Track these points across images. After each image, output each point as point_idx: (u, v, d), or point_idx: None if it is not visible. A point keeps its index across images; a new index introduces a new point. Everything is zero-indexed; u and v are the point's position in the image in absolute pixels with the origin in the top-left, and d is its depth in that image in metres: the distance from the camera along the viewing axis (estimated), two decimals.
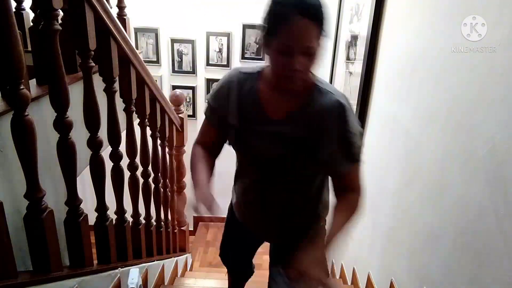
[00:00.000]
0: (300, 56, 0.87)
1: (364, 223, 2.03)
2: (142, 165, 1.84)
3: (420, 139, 1.33)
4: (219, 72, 3.59)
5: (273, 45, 0.88)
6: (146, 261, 1.88)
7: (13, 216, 1.02)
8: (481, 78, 0.96)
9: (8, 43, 0.88)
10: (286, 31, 0.85)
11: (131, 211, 1.78)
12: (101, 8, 1.22)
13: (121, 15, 2.28)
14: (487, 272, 0.89)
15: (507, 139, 0.83)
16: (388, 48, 1.71)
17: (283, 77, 0.93)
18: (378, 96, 1.84)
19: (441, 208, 1.15)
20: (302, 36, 0.85)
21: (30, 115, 0.96)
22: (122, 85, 1.51)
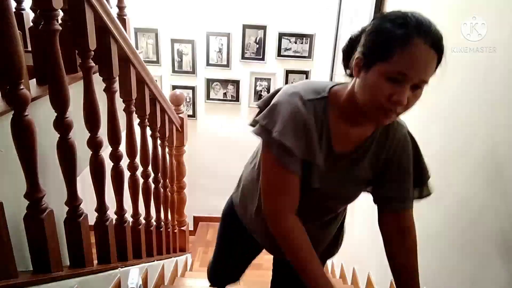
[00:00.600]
0: (410, 89, 0.75)
1: (364, 223, 2.03)
2: (142, 165, 1.84)
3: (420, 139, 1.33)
4: (219, 72, 3.60)
5: (383, 68, 0.75)
6: (146, 261, 1.88)
7: (13, 216, 1.02)
8: (481, 78, 0.96)
9: (8, 43, 0.88)
10: (407, 55, 0.73)
11: (131, 211, 1.78)
12: (101, 8, 1.22)
13: (121, 15, 2.28)
14: (487, 272, 0.89)
15: (507, 139, 0.83)
16: None
17: (381, 109, 0.78)
18: None
19: (441, 208, 1.15)
20: (423, 67, 0.75)
21: (30, 115, 0.96)
22: (122, 85, 1.51)
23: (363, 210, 2.07)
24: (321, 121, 0.87)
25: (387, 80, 0.75)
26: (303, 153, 0.86)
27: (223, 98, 3.70)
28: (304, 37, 3.43)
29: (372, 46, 0.77)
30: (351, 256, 2.26)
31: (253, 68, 3.59)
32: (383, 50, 0.75)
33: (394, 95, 0.76)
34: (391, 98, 0.76)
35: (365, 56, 0.78)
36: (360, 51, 0.79)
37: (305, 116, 0.85)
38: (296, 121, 0.84)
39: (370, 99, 0.79)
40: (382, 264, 1.71)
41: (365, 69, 0.78)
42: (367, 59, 0.78)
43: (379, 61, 0.75)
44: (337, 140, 0.90)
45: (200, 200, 3.82)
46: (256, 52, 3.52)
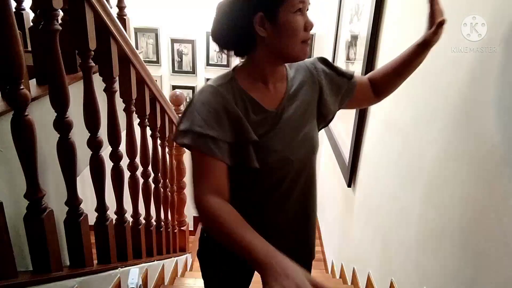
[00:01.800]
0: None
1: (364, 223, 2.03)
2: (142, 165, 1.84)
3: (420, 139, 1.33)
4: (219, 72, 3.58)
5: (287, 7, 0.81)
6: (146, 261, 1.88)
7: (13, 216, 1.02)
8: (481, 78, 0.96)
9: (8, 43, 0.88)
10: None
11: (131, 211, 1.78)
12: (101, 8, 1.22)
13: (121, 15, 2.28)
14: (487, 272, 0.89)
15: (507, 139, 0.83)
16: (388, 48, 1.71)
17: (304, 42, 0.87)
18: None
19: (441, 208, 1.15)
20: None
21: (30, 115, 0.96)
22: (122, 85, 1.51)
23: (362, 210, 2.07)
24: (240, 96, 0.91)
25: (296, 14, 0.83)
26: (231, 136, 0.88)
27: None
28: None
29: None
30: (351, 256, 2.26)
31: None
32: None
33: (306, 23, 0.85)
34: (306, 27, 0.85)
35: (265, 11, 0.82)
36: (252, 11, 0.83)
37: (221, 99, 0.88)
38: (214, 108, 0.86)
39: (293, 39, 0.85)
40: (382, 264, 1.71)
41: (271, 22, 0.83)
42: (269, 12, 0.82)
43: (280, 4, 0.81)
44: (265, 102, 0.94)
45: None
46: None
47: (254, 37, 0.87)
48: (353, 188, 2.24)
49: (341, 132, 2.51)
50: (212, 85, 0.90)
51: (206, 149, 0.85)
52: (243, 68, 0.96)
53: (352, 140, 2.13)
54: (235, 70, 0.96)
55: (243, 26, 0.85)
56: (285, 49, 0.87)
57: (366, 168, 2.03)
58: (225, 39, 0.91)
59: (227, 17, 0.86)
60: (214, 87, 0.89)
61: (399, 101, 1.56)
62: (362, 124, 2.03)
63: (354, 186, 2.22)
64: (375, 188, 1.84)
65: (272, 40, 0.85)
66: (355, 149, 2.11)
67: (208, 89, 0.89)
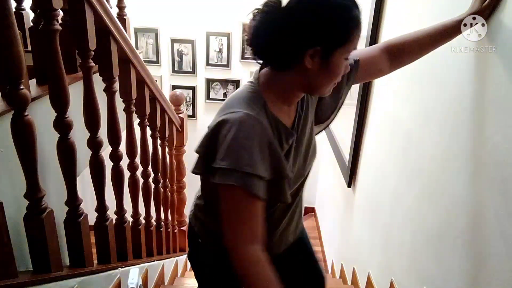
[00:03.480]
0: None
1: (364, 223, 2.03)
2: (142, 165, 1.84)
3: (420, 139, 1.33)
4: (219, 72, 3.59)
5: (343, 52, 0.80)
6: (146, 261, 1.88)
7: (13, 216, 1.02)
8: (481, 78, 0.96)
9: (8, 43, 0.88)
10: (359, 33, 0.79)
11: (131, 211, 1.78)
12: (101, 8, 1.22)
13: (121, 15, 2.28)
14: (487, 272, 0.89)
15: (507, 139, 0.83)
16: None
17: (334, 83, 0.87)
18: (378, 96, 1.84)
19: (441, 208, 1.15)
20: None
21: (30, 115, 0.96)
22: (122, 85, 1.51)
23: (362, 210, 2.07)
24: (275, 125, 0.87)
25: (344, 60, 0.82)
26: (270, 174, 0.84)
27: (223, 98, 3.70)
28: None
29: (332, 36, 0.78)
30: (351, 256, 2.26)
31: (253, 68, 3.58)
32: (343, 37, 0.78)
33: (346, 68, 0.86)
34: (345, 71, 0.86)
35: (323, 47, 0.78)
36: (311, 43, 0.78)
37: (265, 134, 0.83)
38: (259, 143, 0.81)
39: (331, 80, 0.85)
40: (382, 264, 1.71)
41: (322, 58, 0.79)
42: (326, 50, 0.79)
43: (339, 47, 0.79)
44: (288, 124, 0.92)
45: None
46: None
47: (297, 63, 0.81)
48: (353, 188, 2.24)
49: (341, 132, 2.51)
50: (251, 115, 0.81)
51: (254, 190, 0.79)
52: (270, 89, 0.88)
53: (352, 140, 2.13)
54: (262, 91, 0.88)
55: (294, 51, 0.80)
56: (318, 85, 0.86)
57: (366, 168, 2.03)
58: (267, 51, 0.84)
59: (281, 34, 0.79)
60: (255, 118, 0.81)
61: (400, 101, 1.56)
62: (362, 124, 2.03)
63: (354, 186, 2.22)
64: (375, 188, 1.84)
65: (312, 73, 0.82)
66: (355, 149, 2.11)
67: (249, 121, 0.80)
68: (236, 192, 0.79)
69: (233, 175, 0.78)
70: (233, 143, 0.79)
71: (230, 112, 0.82)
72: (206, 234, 1.06)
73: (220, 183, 0.80)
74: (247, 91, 0.88)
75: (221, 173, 0.79)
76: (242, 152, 0.78)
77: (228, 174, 0.78)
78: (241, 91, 0.90)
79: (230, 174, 0.78)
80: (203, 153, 0.87)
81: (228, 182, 0.78)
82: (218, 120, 0.83)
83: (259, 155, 0.80)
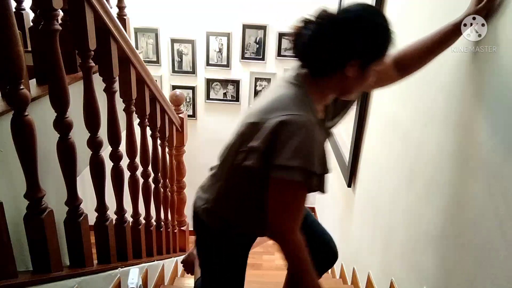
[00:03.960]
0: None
1: (364, 223, 2.03)
2: (142, 165, 1.84)
3: (420, 139, 1.33)
4: (219, 72, 3.59)
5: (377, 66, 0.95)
6: (146, 261, 1.88)
7: (13, 216, 1.02)
8: (481, 78, 0.96)
9: (8, 43, 0.88)
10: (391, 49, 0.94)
11: (131, 211, 1.78)
12: (101, 8, 1.22)
13: (121, 15, 2.28)
14: (487, 272, 0.89)
15: (507, 139, 0.83)
16: None
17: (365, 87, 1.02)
18: (378, 96, 1.84)
19: (441, 208, 1.15)
20: None
21: (30, 115, 0.96)
22: (122, 85, 1.51)
23: (362, 210, 2.07)
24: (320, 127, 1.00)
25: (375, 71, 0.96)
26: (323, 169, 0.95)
27: (223, 98, 3.70)
28: None
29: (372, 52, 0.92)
30: (351, 256, 2.26)
31: (253, 68, 3.59)
32: (380, 53, 0.93)
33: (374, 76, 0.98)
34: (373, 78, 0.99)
35: (364, 60, 0.92)
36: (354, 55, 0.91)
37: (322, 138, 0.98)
38: (321, 146, 0.96)
39: (361, 87, 1.00)
40: (382, 264, 1.71)
41: (359, 69, 0.93)
42: (365, 63, 0.93)
43: (375, 61, 0.94)
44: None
45: None
46: (256, 52, 3.52)
47: (338, 70, 0.94)
48: (353, 188, 2.24)
49: (341, 132, 2.51)
50: (310, 119, 0.92)
51: (313, 185, 0.93)
52: (313, 91, 0.99)
53: (352, 140, 2.13)
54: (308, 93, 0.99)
55: (340, 60, 0.92)
56: (351, 90, 1.00)
57: (366, 168, 2.03)
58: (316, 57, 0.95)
59: (331, 44, 0.91)
60: (312, 123, 0.93)
61: (400, 101, 1.56)
62: (362, 124, 2.03)
63: (354, 186, 2.22)
64: (375, 188, 1.84)
65: (349, 80, 0.95)
66: (355, 149, 2.11)
67: (309, 125, 0.91)
68: (297, 187, 0.92)
69: (300, 173, 0.89)
70: (300, 145, 0.89)
71: (289, 114, 0.91)
72: (219, 224, 1.15)
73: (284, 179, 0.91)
74: (297, 92, 0.98)
75: (288, 171, 0.90)
76: (307, 153, 0.90)
77: (296, 171, 0.89)
78: (290, 92, 0.98)
79: (297, 172, 0.89)
80: (263, 149, 0.93)
81: (296, 179, 0.90)
82: (279, 120, 0.91)
83: (317, 155, 0.92)
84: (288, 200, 0.95)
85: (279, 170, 0.90)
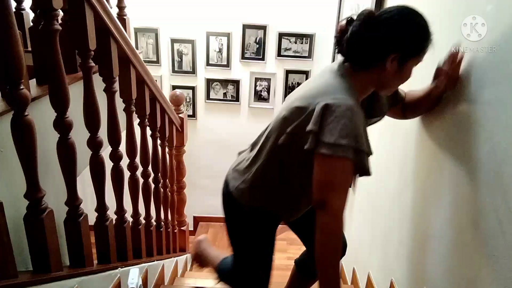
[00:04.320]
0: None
1: (364, 223, 2.03)
2: (142, 165, 1.84)
3: (420, 138, 1.33)
4: (219, 72, 3.59)
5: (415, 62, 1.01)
6: (146, 261, 1.88)
7: (13, 216, 1.02)
8: (481, 78, 0.96)
9: (8, 43, 0.88)
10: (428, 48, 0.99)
11: (131, 211, 1.78)
12: (101, 8, 1.22)
13: (121, 15, 2.28)
14: (487, 272, 0.89)
15: (506, 139, 0.83)
16: None
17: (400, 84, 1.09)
18: None
19: (441, 208, 1.15)
20: None
21: (30, 115, 0.96)
22: (122, 85, 1.51)
23: (362, 210, 2.07)
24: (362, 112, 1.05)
25: (413, 68, 1.02)
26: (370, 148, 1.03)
27: (223, 98, 3.70)
28: (304, 37, 3.43)
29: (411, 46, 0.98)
30: (351, 256, 2.26)
31: (253, 68, 3.59)
32: (419, 50, 0.99)
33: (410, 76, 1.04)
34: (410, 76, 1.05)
35: (402, 55, 0.98)
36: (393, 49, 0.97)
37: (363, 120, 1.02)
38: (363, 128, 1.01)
39: (398, 83, 1.07)
40: (382, 264, 1.71)
41: (398, 63, 0.99)
42: (404, 56, 0.98)
43: (413, 57, 1.00)
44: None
45: (200, 200, 3.82)
46: (256, 52, 3.52)
47: (379, 64, 1.00)
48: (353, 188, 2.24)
49: None
50: (356, 103, 0.99)
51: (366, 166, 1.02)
52: (356, 83, 1.05)
53: None
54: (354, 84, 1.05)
55: (380, 54, 0.99)
56: (388, 85, 1.07)
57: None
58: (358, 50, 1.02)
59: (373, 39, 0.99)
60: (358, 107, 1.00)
61: None
62: None
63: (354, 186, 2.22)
64: (375, 188, 1.84)
65: (388, 74, 1.01)
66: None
67: (356, 108, 0.98)
68: (347, 164, 0.97)
69: (351, 150, 0.95)
70: (350, 125, 0.95)
71: (338, 98, 0.97)
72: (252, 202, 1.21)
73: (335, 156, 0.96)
74: (342, 80, 1.04)
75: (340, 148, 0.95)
76: (357, 132, 0.96)
77: (347, 149, 0.95)
78: (336, 80, 1.04)
79: (349, 149, 0.95)
80: (316, 131, 0.98)
81: (348, 156, 0.95)
82: (327, 102, 0.97)
83: (364, 136, 1.00)
84: (338, 177, 1.00)
85: (330, 148, 0.95)
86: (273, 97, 3.65)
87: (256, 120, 3.72)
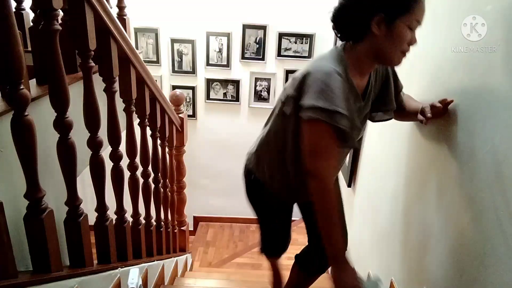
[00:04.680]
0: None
1: (364, 223, 2.03)
2: (142, 165, 1.84)
3: (420, 139, 1.33)
4: (219, 72, 3.59)
5: (405, 20, 0.96)
6: (146, 261, 1.88)
7: (13, 216, 1.02)
8: (481, 78, 0.96)
9: (8, 43, 0.88)
10: (421, 7, 0.96)
11: (131, 211, 1.78)
12: (101, 8, 1.22)
13: (121, 15, 2.28)
14: (487, 272, 0.89)
15: (507, 139, 0.83)
16: None
17: (403, 52, 1.02)
18: None
19: (441, 208, 1.15)
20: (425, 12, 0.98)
21: (30, 115, 0.96)
22: (122, 85, 1.51)
23: (362, 210, 2.07)
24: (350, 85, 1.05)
25: (407, 29, 0.97)
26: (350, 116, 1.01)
27: (223, 98, 3.70)
28: (304, 37, 3.43)
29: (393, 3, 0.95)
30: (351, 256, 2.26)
31: (253, 68, 3.59)
32: (404, 6, 0.95)
33: (412, 40, 1.00)
34: (410, 43, 1.00)
35: (386, 13, 0.95)
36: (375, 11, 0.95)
37: (348, 88, 1.02)
38: (345, 93, 1.00)
39: (396, 47, 1.00)
40: (382, 264, 1.71)
41: (387, 25, 0.97)
42: (389, 16, 0.96)
43: (401, 15, 0.95)
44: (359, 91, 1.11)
45: (200, 200, 3.82)
46: (256, 52, 3.52)
47: (366, 31, 1.00)
48: (353, 188, 2.24)
49: None
50: (336, 70, 0.99)
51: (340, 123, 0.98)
52: (350, 57, 1.06)
53: None
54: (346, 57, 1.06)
55: (363, 17, 0.98)
56: (386, 52, 1.02)
57: (366, 168, 2.03)
58: (342, 21, 1.04)
59: (352, 6, 1.00)
60: (339, 73, 0.99)
61: None
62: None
63: (354, 186, 2.22)
64: (375, 188, 1.84)
65: (379, 40, 1.00)
66: (355, 149, 2.11)
67: (335, 74, 0.98)
68: (324, 126, 0.98)
69: (324, 113, 0.96)
70: (325, 88, 0.96)
71: (321, 65, 1.01)
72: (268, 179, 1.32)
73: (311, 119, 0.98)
74: (335, 52, 1.07)
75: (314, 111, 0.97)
76: (332, 95, 0.96)
77: (321, 111, 0.96)
78: (329, 52, 1.09)
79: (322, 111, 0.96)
80: (295, 96, 1.03)
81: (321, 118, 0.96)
82: (308, 70, 1.01)
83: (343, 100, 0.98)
84: (316, 139, 1.02)
85: (306, 111, 0.98)
86: (273, 97, 3.65)
87: (256, 120, 3.71)
